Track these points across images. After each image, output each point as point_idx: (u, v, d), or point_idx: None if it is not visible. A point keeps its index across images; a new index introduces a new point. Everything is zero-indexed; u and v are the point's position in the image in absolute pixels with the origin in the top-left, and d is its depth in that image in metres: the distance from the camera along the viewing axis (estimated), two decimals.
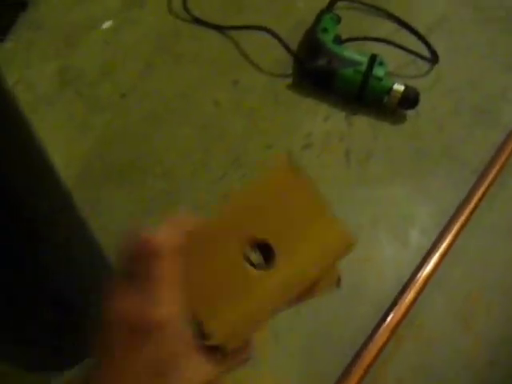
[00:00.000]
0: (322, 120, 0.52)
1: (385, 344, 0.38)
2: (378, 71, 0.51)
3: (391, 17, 0.63)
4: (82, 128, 0.49)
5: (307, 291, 0.23)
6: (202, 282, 0.21)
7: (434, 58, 0.58)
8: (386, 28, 0.63)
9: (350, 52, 0.53)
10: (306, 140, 0.50)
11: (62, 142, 0.47)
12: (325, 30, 0.55)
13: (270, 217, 0.23)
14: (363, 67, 0.51)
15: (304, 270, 0.22)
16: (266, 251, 0.22)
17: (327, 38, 0.54)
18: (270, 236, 0.22)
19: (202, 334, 0.21)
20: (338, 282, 0.24)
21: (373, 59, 0.52)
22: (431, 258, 0.42)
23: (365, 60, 0.52)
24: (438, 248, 0.43)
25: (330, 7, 0.61)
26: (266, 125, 0.51)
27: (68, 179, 0.27)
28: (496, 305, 0.42)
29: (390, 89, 0.51)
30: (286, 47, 0.55)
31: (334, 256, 0.23)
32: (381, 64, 0.52)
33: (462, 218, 0.45)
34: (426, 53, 0.59)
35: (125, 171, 0.46)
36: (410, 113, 0.53)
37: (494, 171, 0.49)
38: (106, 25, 0.58)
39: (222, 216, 0.22)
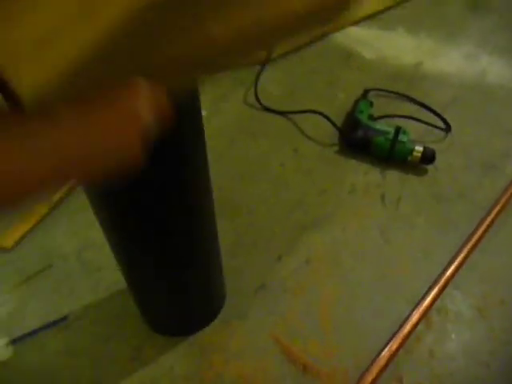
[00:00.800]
0: (362, 174, 0.70)
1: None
2: (403, 137, 0.69)
3: (412, 100, 0.83)
4: None
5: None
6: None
7: (447, 128, 0.76)
8: (408, 109, 0.82)
9: (381, 125, 0.72)
10: (350, 187, 0.67)
11: None
12: (361, 112, 0.75)
13: None
14: (391, 135, 0.69)
15: None
16: None
17: (363, 117, 0.74)
18: None
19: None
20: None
21: (398, 129, 0.70)
22: (450, 267, 0.56)
23: (392, 130, 0.70)
24: (456, 260, 0.57)
25: (364, 95, 0.81)
26: (320, 178, 0.69)
27: None
28: (508, 302, 0.54)
29: (413, 149, 0.68)
30: (333, 123, 0.75)
31: None
32: (404, 133, 0.70)
33: (474, 239, 0.59)
34: (440, 124, 0.77)
35: (223, 211, 0.64)
36: (429, 167, 0.70)
37: (498, 206, 0.63)
38: (203, 113, 0.81)
39: None
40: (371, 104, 0.79)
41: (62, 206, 0.63)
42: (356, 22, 1.08)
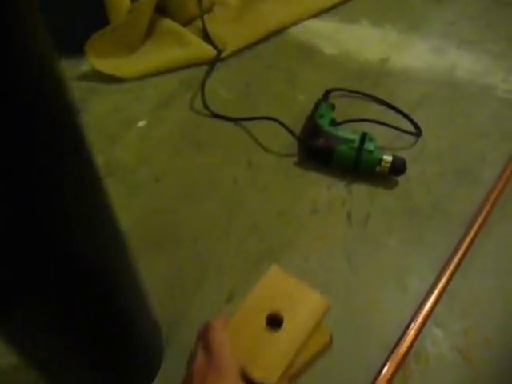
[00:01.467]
0: (325, 189, 0.61)
1: (392, 377, 0.43)
2: (369, 146, 0.61)
3: (377, 100, 0.75)
4: (124, 208, 0.58)
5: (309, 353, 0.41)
6: (242, 345, 0.35)
7: (417, 132, 0.68)
8: (374, 110, 0.74)
9: (344, 132, 0.63)
10: (312, 206, 0.59)
11: None
12: (322, 116, 0.66)
13: (276, 299, 0.38)
14: (356, 144, 0.61)
15: (301, 326, 0.36)
16: (278, 319, 0.37)
17: (324, 123, 0.65)
18: (278, 309, 0.37)
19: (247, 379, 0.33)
20: (331, 341, 0.42)
21: (363, 136, 0.62)
22: (429, 299, 0.48)
23: (357, 137, 0.62)
24: (434, 290, 0.49)
25: (325, 97, 0.73)
26: (278, 196, 0.60)
27: None
28: (493, 339, 0.47)
29: (381, 159, 0.60)
30: (291, 132, 0.66)
31: (319, 314, 0.37)
32: (371, 140, 0.61)
33: (454, 264, 0.51)
34: (410, 128, 0.69)
35: (160, 241, 0.54)
36: (400, 178, 0.62)
37: (478, 222, 0.56)
38: (141, 123, 0.70)
39: (246, 305, 0.38)
40: (333, 107, 0.70)
41: None
42: (315, 15, 0.99)
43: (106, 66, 0.78)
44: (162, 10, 0.86)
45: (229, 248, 0.54)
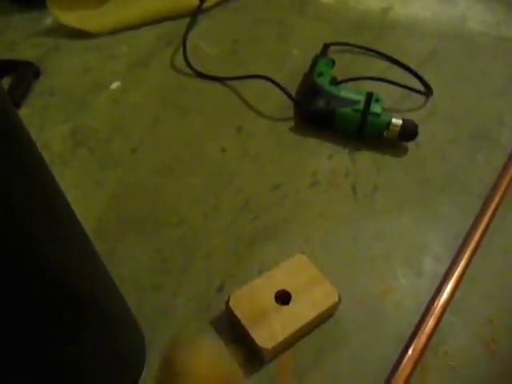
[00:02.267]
0: (326, 158, 0.54)
1: (410, 375, 0.38)
2: (375, 108, 0.53)
3: (382, 56, 0.67)
4: (96, 183, 0.51)
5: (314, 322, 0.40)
6: (250, 310, 0.39)
7: (428, 91, 0.61)
8: (379, 67, 0.66)
9: (347, 92, 0.55)
10: (312, 178, 0.52)
11: (79, 198, 0.49)
12: (321, 74, 0.58)
13: (289, 280, 0.40)
14: (360, 105, 0.53)
15: (307, 309, 0.39)
16: (286, 298, 0.39)
17: (324, 81, 0.57)
18: (289, 289, 0.40)
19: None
20: (339, 301, 0.40)
21: (369, 97, 0.54)
22: (447, 284, 0.42)
23: (361, 98, 0.54)
24: (453, 273, 0.43)
25: (323, 52, 0.64)
26: (272, 167, 0.53)
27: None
28: None
29: (389, 123, 0.53)
30: (286, 92, 0.58)
31: (327, 305, 0.39)
32: (377, 101, 0.54)
33: (473, 243, 0.45)
34: (419, 86, 0.62)
35: (140, 222, 0.47)
36: (410, 144, 0.55)
37: (498, 194, 0.49)
38: (114, 86, 0.62)
39: (261, 279, 0.41)
40: (333, 63, 0.62)
41: None
42: None
43: (72, 19, 0.68)
44: None
45: (218, 229, 0.47)
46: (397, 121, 0.53)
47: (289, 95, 0.58)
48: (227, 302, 0.39)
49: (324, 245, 0.46)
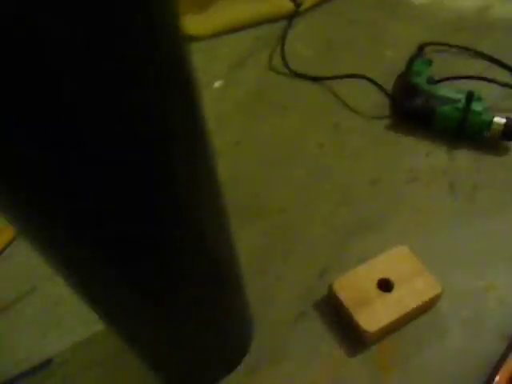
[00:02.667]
0: (423, 155, 0.54)
1: None
2: (477, 106, 0.53)
3: (481, 55, 0.66)
4: None
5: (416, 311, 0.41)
6: (354, 296, 0.41)
7: None
8: (477, 67, 0.65)
9: (446, 90, 0.56)
10: (409, 174, 0.52)
11: None
12: (418, 73, 0.59)
13: (393, 269, 0.42)
14: (461, 104, 0.53)
15: (408, 298, 0.40)
16: (388, 285, 0.41)
17: (421, 80, 0.58)
18: (392, 277, 0.42)
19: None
20: (441, 293, 0.41)
21: (470, 95, 0.54)
22: None
23: (462, 97, 0.54)
24: None
25: (420, 52, 0.65)
26: (369, 163, 0.54)
27: None
28: None
29: (491, 122, 0.52)
30: (383, 90, 0.59)
31: (428, 296, 0.40)
32: (479, 99, 0.54)
33: None
34: None
35: (244, 209, 0.51)
36: (510, 144, 0.54)
37: None
38: (217, 84, 0.66)
39: (364, 266, 0.43)
40: (430, 63, 0.62)
41: None
42: None
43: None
44: None
45: (318, 218, 0.49)
46: (500, 119, 0.52)
47: (386, 93, 0.59)
48: (331, 287, 0.41)
49: (423, 239, 0.47)
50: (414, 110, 0.55)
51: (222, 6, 0.78)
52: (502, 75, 0.62)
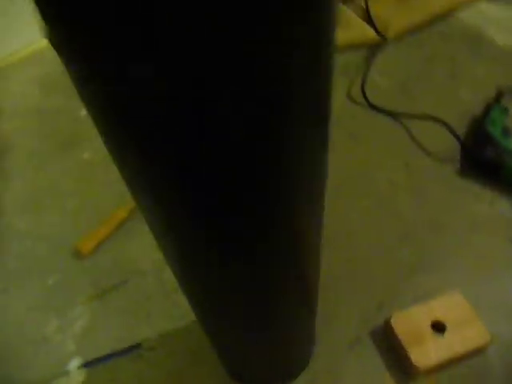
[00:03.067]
0: (487, 205, 0.57)
1: None
2: None
3: None
4: None
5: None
6: (409, 331, 0.46)
7: None
8: None
9: None
10: (472, 222, 0.56)
11: None
12: (493, 122, 0.61)
13: (446, 313, 0.46)
14: None
15: (459, 339, 0.44)
16: (441, 328, 0.45)
17: (496, 131, 0.60)
18: (445, 320, 0.45)
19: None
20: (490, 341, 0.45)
21: None
22: None
23: None
24: None
25: (497, 99, 0.67)
26: (435, 205, 0.58)
27: None
28: None
29: None
30: (456, 136, 0.62)
31: (476, 343, 0.45)
32: None
33: None
34: None
35: None
36: None
37: None
38: None
39: (420, 307, 0.47)
40: (506, 111, 0.65)
41: None
42: None
43: None
44: None
45: (382, 251, 0.54)
46: None
47: (459, 139, 0.62)
48: (388, 320, 0.46)
49: (479, 286, 0.50)
50: (484, 160, 0.58)
51: None
52: None
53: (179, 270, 0.31)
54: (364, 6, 0.84)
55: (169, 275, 0.53)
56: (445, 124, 0.64)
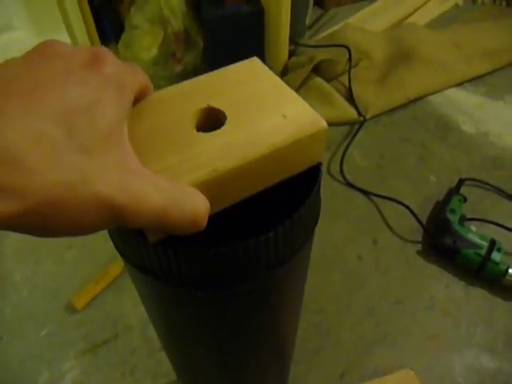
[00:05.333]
0: (444, 286, 0.65)
1: None
2: (496, 256, 0.63)
3: (510, 198, 0.76)
4: None
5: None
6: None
7: None
8: (506, 208, 0.75)
9: (473, 235, 0.66)
10: (429, 302, 0.63)
11: None
12: (452, 211, 0.70)
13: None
14: (483, 251, 0.64)
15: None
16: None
17: (454, 219, 0.68)
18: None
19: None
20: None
21: (492, 244, 0.64)
22: None
23: (485, 245, 0.64)
24: None
25: (458, 187, 0.75)
26: (398, 283, 0.65)
27: None
28: None
29: (505, 272, 0.62)
30: (419, 221, 0.70)
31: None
32: (499, 250, 0.64)
33: None
34: None
35: None
36: None
37: None
38: None
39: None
40: (465, 200, 0.73)
41: None
42: (460, 83, 1.00)
43: None
44: (314, 68, 0.92)
45: (347, 325, 0.60)
46: None
47: (421, 224, 0.70)
48: None
49: (431, 365, 0.57)
50: (442, 246, 0.66)
51: None
52: None
53: (166, 344, 0.39)
54: (347, 85, 0.93)
55: (154, 333, 0.58)
56: (410, 211, 0.72)
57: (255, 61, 0.26)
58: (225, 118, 0.22)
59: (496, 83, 1.01)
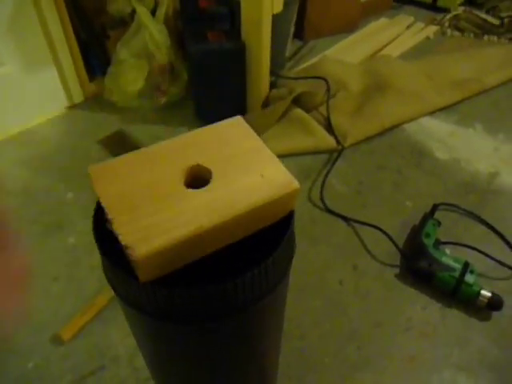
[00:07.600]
0: (420, 308, 0.67)
1: None
2: (469, 278, 0.66)
3: (482, 221, 0.80)
4: None
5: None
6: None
7: None
8: (479, 231, 0.79)
9: (447, 258, 0.69)
10: (407, 324, 0.65)
11: None
12: (427, 235, 0.73)
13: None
14: (457, 273, 0.67)
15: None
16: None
17: (429, 243, 0.72)
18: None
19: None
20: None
21: (465, 267, 0.67)
22: None
23: (459, 267, 0.67)
24: None
25: (432, 212, 0.79)
26: (377, 306, 0.67)
27: None
28: None
29: (479, 293, 0.65)
30: (396, 246, 0.73)
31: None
32: (472, 272, 0.67)
33: None
34: (510, 260, 0.74)
35: None
36: (494, 313, 0.67)
37: None
38: None
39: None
40: (439, 224, 0.76)
41: None
42: (432, 112, 1.05)
43: None
44: (294, 99, 0.96)
45: (330, 350, 0.62)
46: (486, 293, 0.65)
47: (398, 248, 0.73)
48: None
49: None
50: (418, 269, 0.69)
51: (276, 133, 0.94)
52: (498, 243, 0.75)
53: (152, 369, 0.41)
54: (326, 115, 0.97)
55: (142, 362, 0.59)
56: (388, 236, 0.75)
57: (239, 119, 0.29)
58: (210, 175, 0.25)
59: (466, 111, 1.06)
